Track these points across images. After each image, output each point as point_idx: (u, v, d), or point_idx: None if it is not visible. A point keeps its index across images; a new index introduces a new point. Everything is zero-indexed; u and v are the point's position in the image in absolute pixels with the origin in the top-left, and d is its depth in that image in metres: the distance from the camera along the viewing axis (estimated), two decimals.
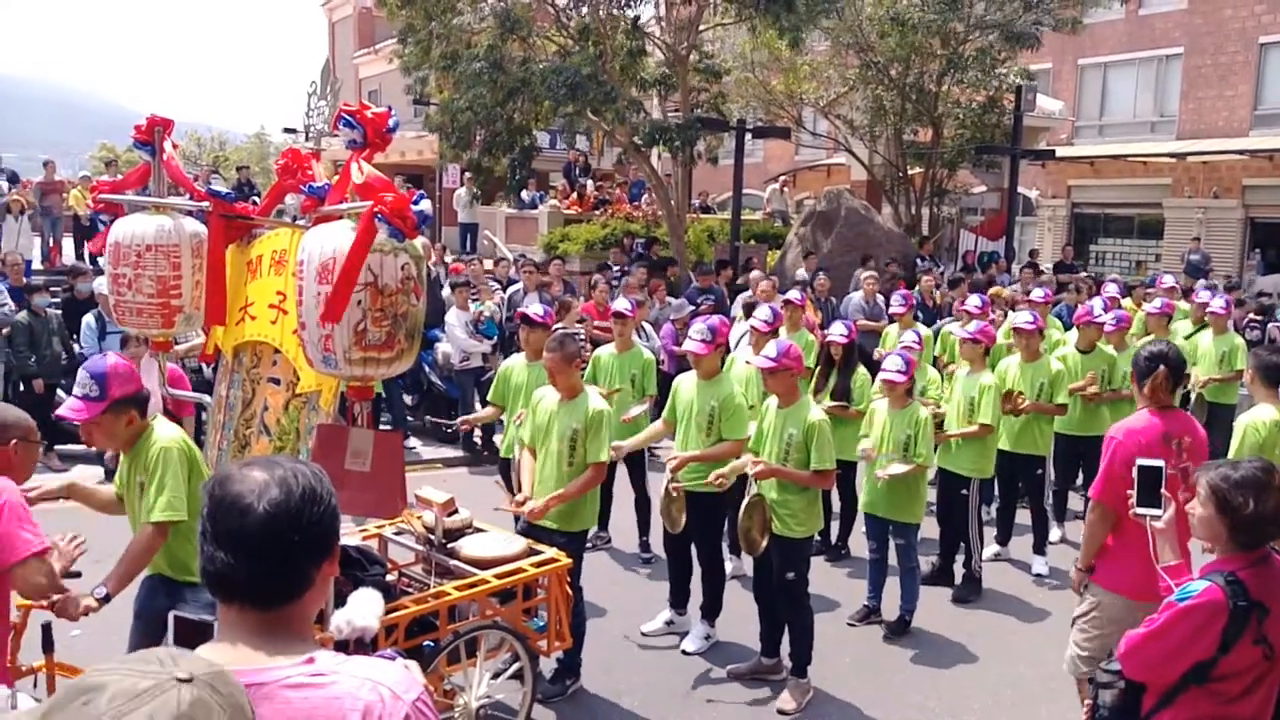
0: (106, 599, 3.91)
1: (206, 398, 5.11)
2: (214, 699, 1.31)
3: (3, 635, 3.72)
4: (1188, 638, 2.98)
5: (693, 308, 12.34)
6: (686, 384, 6.28)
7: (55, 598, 3.77)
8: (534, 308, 7.46)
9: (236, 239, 4.59)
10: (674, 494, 6.00)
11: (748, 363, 7.01)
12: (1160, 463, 3.64)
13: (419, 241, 3.67)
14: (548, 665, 5.59)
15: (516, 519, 5.92)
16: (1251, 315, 13.02)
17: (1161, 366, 4.54)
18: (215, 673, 1.36)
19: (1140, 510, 3.56)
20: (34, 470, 3.94)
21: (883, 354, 8.58)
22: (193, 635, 3.11)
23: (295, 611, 1.76)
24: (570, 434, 5.57)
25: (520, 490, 5.81)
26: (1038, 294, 10.36)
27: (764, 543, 5.60)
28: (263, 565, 1.70)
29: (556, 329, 7.35)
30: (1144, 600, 4.59)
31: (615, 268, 15.01)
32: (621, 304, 8.23)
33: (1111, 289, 11.88)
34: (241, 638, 1.71)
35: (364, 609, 2.86)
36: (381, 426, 10.60)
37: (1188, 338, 10.09)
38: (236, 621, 1.72)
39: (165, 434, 4.14)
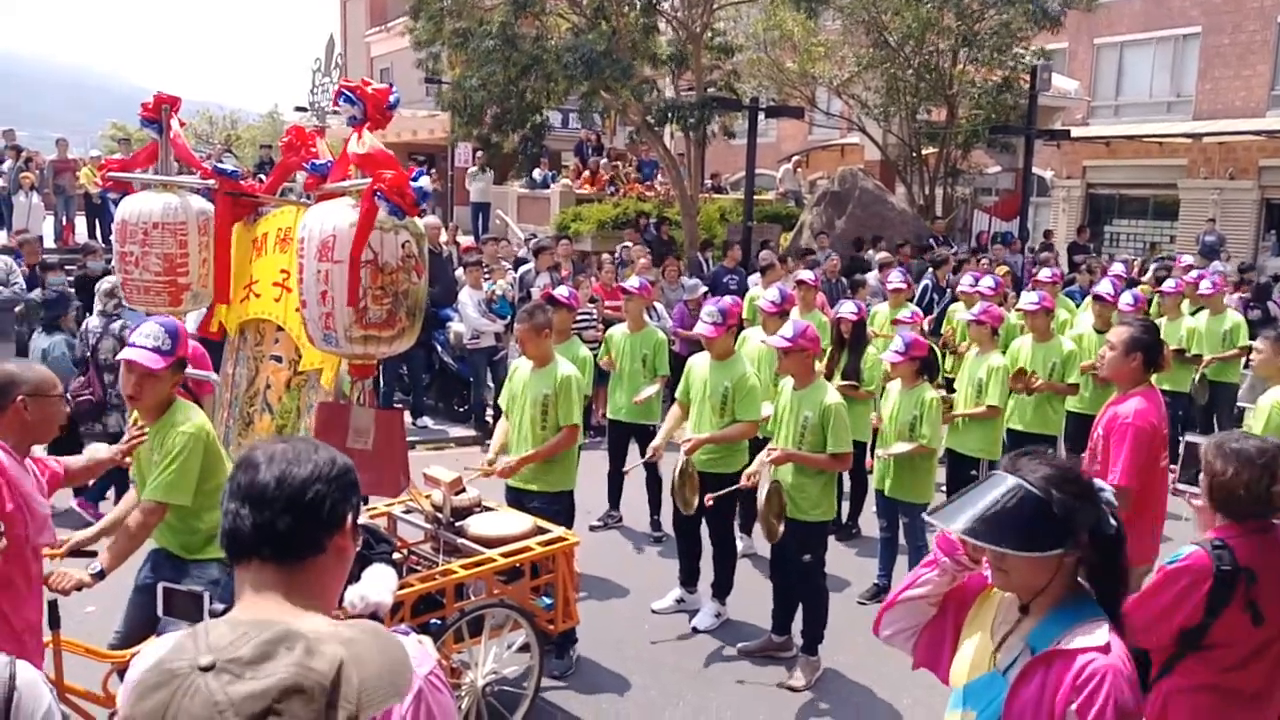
0: (100, 575, 3.84)
1: (215, 376, 5.11)
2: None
3: (27, 606, 3.53)
4: (1174, 600, 3.04)
5: (706, 288, 12.30)
6: (700, 364, 6.26)
7: (47, 571, 3.71)
8: (558, 290, 7.51)
9: (243, 217, 4.58)
10: (687, 475, 5.98)
11: (763, 342, 6.97)
12: (1205, 439, 3.66)
13: (429, 219, 3.65)
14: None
15: (506, 489, 6.05)
16: (1250, 293, 12.97)
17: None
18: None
19: (1183, 486, 3.58)
20: (57, 427, 3.74)
21: (873, 333, 8.54)
22: (181, 605, 3.10)
23: (310, 576, 1.78)
24: (541, 399, 5.81)
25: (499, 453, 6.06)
26: (1045, 274, 10.29)
27: (781, 528, 5.59)
28: (270, 516, 1.75)
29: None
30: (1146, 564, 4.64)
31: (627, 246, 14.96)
32: (633, 281, 8.23)
33: (1118, 268, 11.88)
34: (265, 590, 1.75)
35: (378, 584, 2.87)
36: (395, 406, 10.64)
37: (1193, 314, 10.06)
38: (254, 579, 1.75)
39: (191, 419, 4.05)
